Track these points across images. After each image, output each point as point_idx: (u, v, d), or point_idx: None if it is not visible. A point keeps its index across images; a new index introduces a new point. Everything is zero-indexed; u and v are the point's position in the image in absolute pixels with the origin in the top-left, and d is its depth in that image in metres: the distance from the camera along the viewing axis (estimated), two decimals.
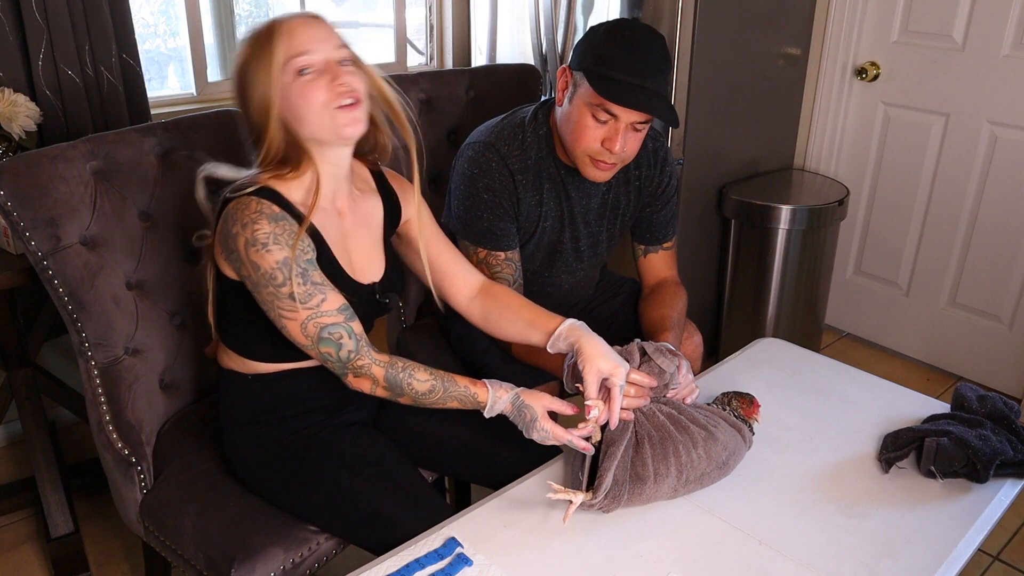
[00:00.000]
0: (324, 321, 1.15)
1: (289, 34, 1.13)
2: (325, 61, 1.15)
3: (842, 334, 3.08)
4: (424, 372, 1.22)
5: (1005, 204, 2.52)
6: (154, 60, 2.51)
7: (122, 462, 1.37)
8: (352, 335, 1.17)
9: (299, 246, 1.14)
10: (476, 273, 1.45)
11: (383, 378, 1.20)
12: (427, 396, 1.22)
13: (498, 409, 1.23)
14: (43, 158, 1.28)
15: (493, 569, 1.08)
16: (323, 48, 1.15)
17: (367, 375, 1.20)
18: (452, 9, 3.00)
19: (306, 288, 1.14)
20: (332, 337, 1.16)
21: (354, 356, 1.18)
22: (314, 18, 1.17)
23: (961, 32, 2.48)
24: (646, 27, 1.44)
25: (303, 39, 1.14)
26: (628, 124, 1.42)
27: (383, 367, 1.20)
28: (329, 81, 1.14)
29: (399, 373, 1.21)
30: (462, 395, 1.23)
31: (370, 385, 1.20)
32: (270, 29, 1.14)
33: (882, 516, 1.19)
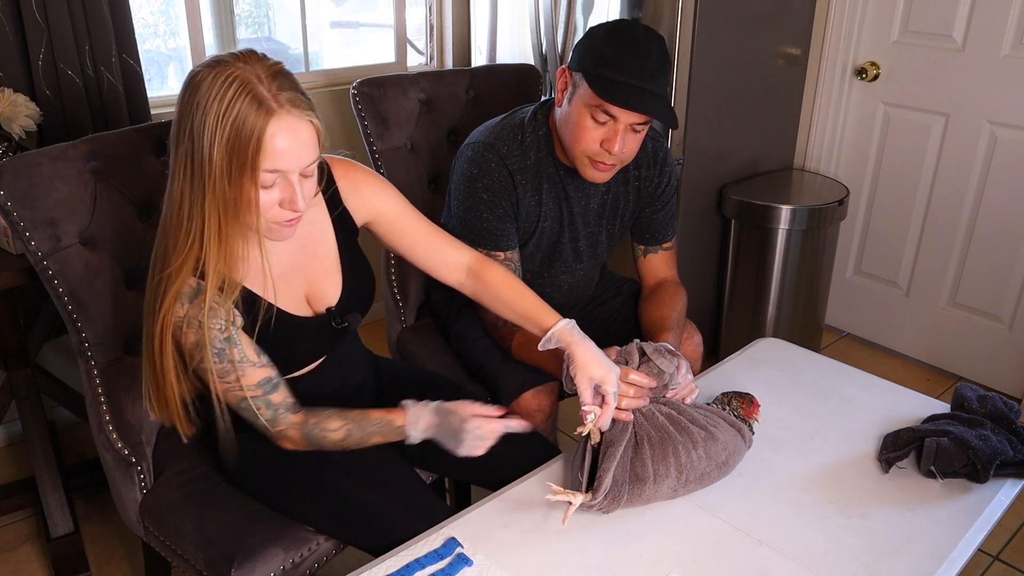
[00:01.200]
0: (240, 395, 1.17)
1: (277, 145, 1.03)
2: (289, 180, 1.07)
3: (842, 334, 3.08)
4: (336, 420, 1.23)
5: (1005, 204, 2.52)
6: (154, 60, 2.51)
7: (122, 462, 1.37)
8: (270, 406, 1.20)
9: (214, 322, 1.11)
10: (463, 252, 1.40)
11: (300, 438, 1.23)
12: (346, 442, 1.23)
13: (421, 427, 1.21)
14: (43, 158, 1.28)
15: (493, 569, 1.08)
16: (298, 165, 1.06)
17: (287, 438, 1.23)
18: (452, 9, 2.99)
19: (222, 366, 1.14)
20: (249, 408, 1.19)
21: (272, 423, 1.21)
22: (311, 124, 1.07)
23: (961, 32, 2.48)
24: (646, 28, 1.44)
25: (287, 158, 1.04)
26: (627, 125, 1.42)
27: (298, 427, 1.22)
28: (286, 199, 1.08)
29: (312, 430, 1.22)
30: (379, 427, 1.23)
31: (292, 445, 1.24)
32: (259, 121, 1.01)
33: (882, 516, 1.19)
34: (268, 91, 1.03)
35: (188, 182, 1.06)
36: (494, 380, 1.60)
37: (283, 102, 1.03)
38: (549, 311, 1.32)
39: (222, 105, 1.01)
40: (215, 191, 1.05)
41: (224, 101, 1.01)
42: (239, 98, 1.01)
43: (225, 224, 1.07)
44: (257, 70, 1.03)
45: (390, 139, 1.82)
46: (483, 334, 1.65)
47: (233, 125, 1.01)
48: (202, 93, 1.02)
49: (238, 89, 1.01)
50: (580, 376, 1.22)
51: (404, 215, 1.35)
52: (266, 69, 1.04)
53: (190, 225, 1.07)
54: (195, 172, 1.05)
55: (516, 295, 1.36)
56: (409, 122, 1.86)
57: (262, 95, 1.02)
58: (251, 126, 1.01)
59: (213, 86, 1.01)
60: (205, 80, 1.02)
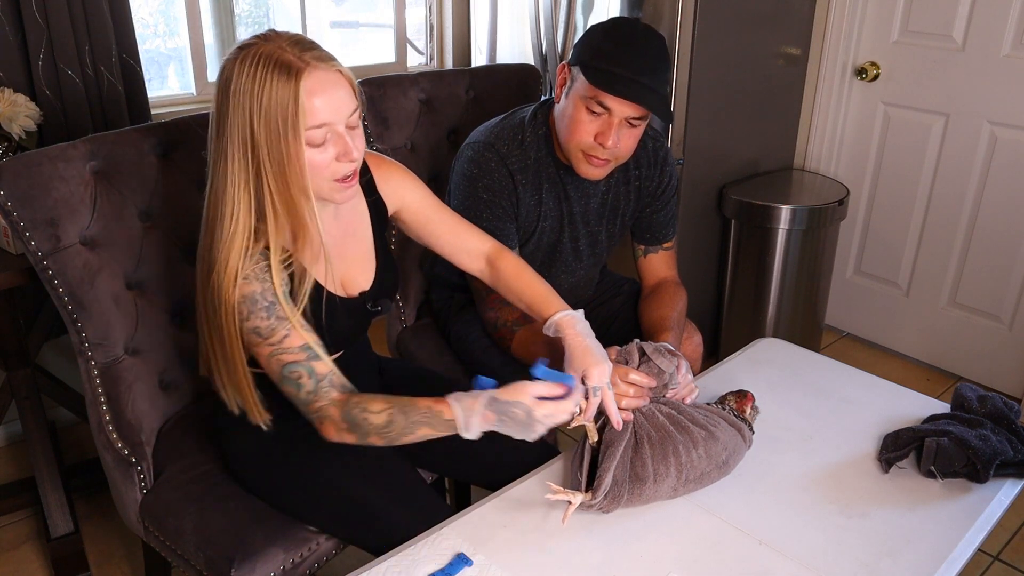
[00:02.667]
0: (285, 359, 1.13)
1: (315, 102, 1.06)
2: (338, 132, 1.10)
3: (842, 334, 3.08)
4: (379, 403, 1.14)
5: (1005, 204, 2.52)
6: (154, 60, 2.51)
7: (122, 462, 1.37)
8: (312, 375, 1.14)
9: (268, 279, 1.11)
10: (484, 241, 1.43)
11: (341, 417, 1.14)
12: (388, 428, 1.13)
13: (476, 424, 1.11)
14: (43, 158, 1.28)
15: (493, 569, 1.08)
16: (341, 116, 1.09)
17: (327, 417, 1.15)
18: (452, 9, 2.99)
19: (269, 323, 1.11)
20: (292, 376, 1.14)
21: (312, 397, 1.15)
22: (340, 73, 1.09)
23: (961, 32, 2.48)
24: (645, 26, 1.44)
25: (327, 111, 1.07)
26: (622, 119, 1.42)
27: (339, 406, 1.15)
28: (339, 153, 1.10)
29: (353, 410, 1.14)
30: (426, 418, 1.12)
31: (335, 430, 1.15)
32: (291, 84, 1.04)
33: (882, 516, 1.19)
34: (292, 55, 1.05)
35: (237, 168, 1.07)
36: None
37: (308, 60, 1.06)
38: (554, 301, 1.33)
39: (254, 84, 1.04)
40: (267, 168, 1.07)
41: (255, 79, 1.04)
42: (266, 70, 1.04)
43: (281, 197, 1.09)
44: (279, 43, 1.06)
45: (390, 139, 1.82)
46: (483, 334, 1.65)
47: (268, 96, 1.04)
48: (234, 80, 1.05)
49: (264, 62, 1.04)
50: (568, 368, 1.22)
51: (430, 204, 1.40)
52: (287, 40, 1.07)
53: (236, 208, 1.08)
54: (244, 156, 1.07)
55: (526, 285, 1.38)
56: (409, 122, 1.86)
57: (287, 60, 1.05)
58: (286, 91, 1.04)
59: (242, 70, 1.04)
60: (234, 67, 1.05)
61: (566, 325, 1.27)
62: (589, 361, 1.20)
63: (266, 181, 1.08)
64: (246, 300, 1.10)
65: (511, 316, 1.55)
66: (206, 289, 1.13)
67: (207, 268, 1.12)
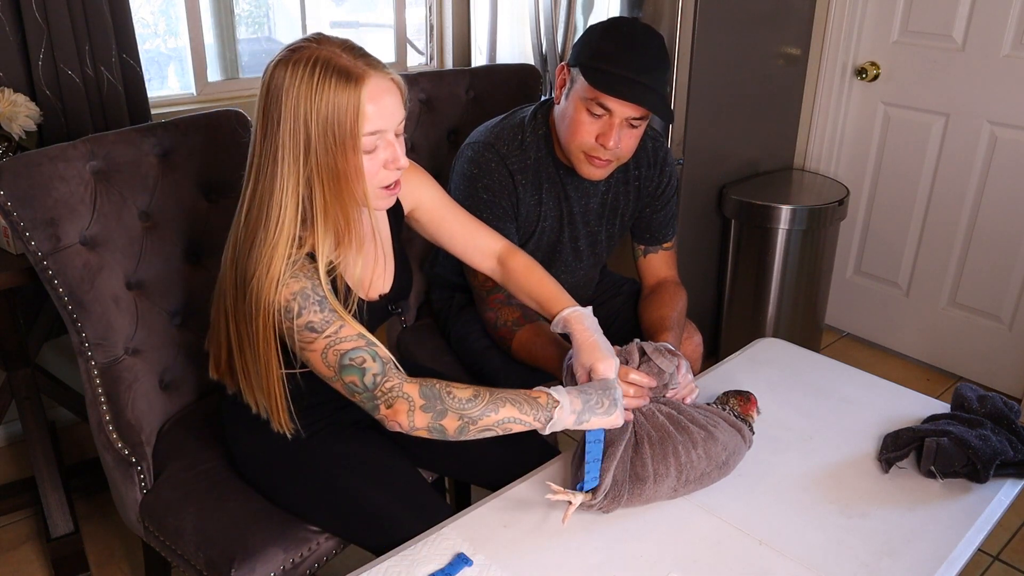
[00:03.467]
0: (344, 347, 1.09)
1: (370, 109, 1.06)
2: (388, 140, 1.11)
3: (842, 334, 3.08)
4: (462, 384, 1.12)
5: (1005, 204, 2.52)
6: (154, 60, 2.51)
7: (122, 462, 1.37)
8: (377, 358, 1.10)
9: (315, 279, 1.10)
10: (495, 240, 1.44)
11: (418, 394, 1.09)
12: (473, 403, 1.09)
13: (567, 400, 1.12)
14: (43, 158, 1.28)
15: (493, 569, 1.08)
16: (393, 123, 1.11)
17: (400, 396, 1.09)
18: (452, 9, 3.00)
19: (323, 315, 1.09)
20: (355, 362, 1.09)
21: (381, 379, 1.09)
22: (393, 81, 1.11)
23: (961, 32, 2.48)
24: (644, 25, 1.44)
25: (383, 118, 1.08)
26: (623, 119, 1.42)
27: (416, 384, 1.10)
28: (388, 160, 1.11)
29: (435, 386, 1.10)
30: (514, 395, 1.12)
31: (406, 411, 1.08)
32: (353, 90, 1.05)
33: (882, 516, 1.19)
34: (349, 61, 1.06)
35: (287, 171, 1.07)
36: (494, 380, 1.60)
37: (364, 67, 1.07)
38: (563, 298, 1.34)
39: (312, 87, 1.04)
40: (320, 171, 1.07)
41: (313, 82, 1.04)
42: (326, 75, 1.04)
43: (332, 202, 1.09)
44: (332, 47, 1.07)
45: None
46: (483, 334, 1.65)
47: (328, 101, 1.04)
48: (287, 82, 1.04)
49: (322, 67, 1.04)
50: (576, 363, 1.23)
51: (444, 204, 1.41)
52: (339, 45, 1.08)
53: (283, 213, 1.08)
54: (296, 160, 1.06)
55: (535, 283, 1.38)
56: (409, 122, 1.86)
57: (346, 66, 1.05)
58: (346, 97, 1.04)
59: (296, 72, 1.04)
60: (287, 69, 1.05)
61: (574, 321, 1.28)
62: (596, 356, 1.21)
63: (319, 186, 1.08)
64: (297, 296, 1.08)
65: (511, 316, 1.55)
66: (238, 294, 1.11)
67: (242, 271, 1.10)
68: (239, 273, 1.11)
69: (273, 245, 1.08)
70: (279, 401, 1.17)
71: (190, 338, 1.49)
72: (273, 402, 1.17)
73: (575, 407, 1.13)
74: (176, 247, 1.46)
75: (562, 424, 1.13)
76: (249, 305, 1.10)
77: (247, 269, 1.09)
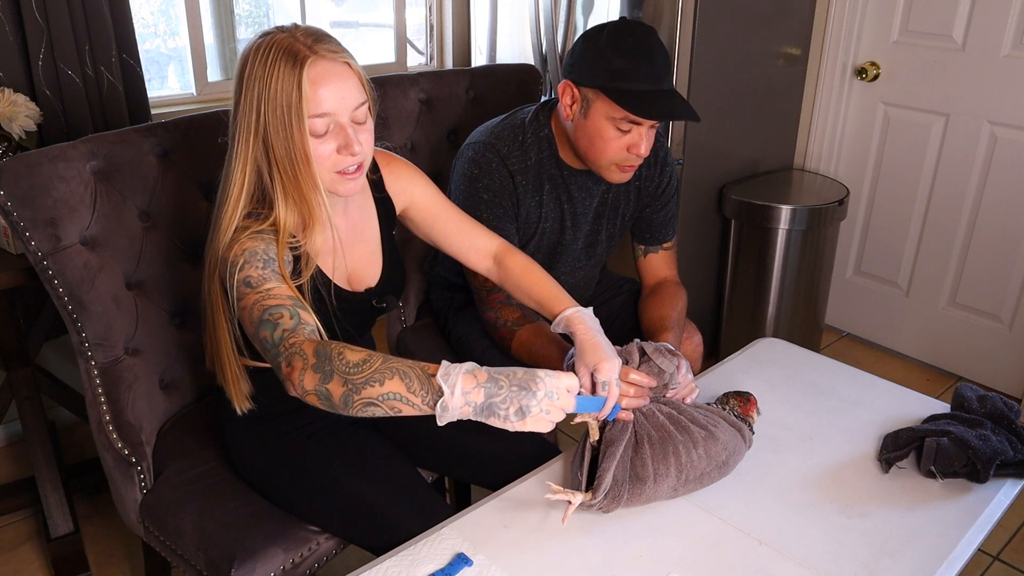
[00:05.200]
0: (269, 303, 1.05)
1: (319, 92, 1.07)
2: (340, 124, 1.11)
3: (842, 334, 3.08)
4: (361, 348, 1.02)
5: (1005, 204, 2.52)
6: (154, 60, 2.51)
7: (122, 462, 1.37)
8: (295, 317, 1.05)
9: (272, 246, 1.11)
10: (491, 240, 1.44)
11: (312, 352, 0.99)
12: (360, 368, 0.98)
13: (459, 382, 0.98)
14: (43, 158, 1.28)
15: (493, 569, 1.08)
16: (345, 108, 1.10)
17: (297, 353, 1.00)
18: (452, 9, 3.00)
19: (262, 272, 1.08)
20: (272, 318, 1.04)
21: (288, 335, 1.02)
22: (348, 66, 1.11)
23: (961, 32, 2.48)
24: (641, 26, 1.44)
25: (331, 101, 1.08)
26: (649, 125, 1.44)
27: (314, 342, 1.01)
28: (340, 146, 1.11)
29: (330, 347, 1.00)
30: (406, 367, 1.00)
31: (300, 368, 0.99)
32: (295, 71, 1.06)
33: (882, 516, 1.19)
34: (303, 45, 1.07)
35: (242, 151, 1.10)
36: None
37: (317, 49, 1.08)
38: (563, 298, 1.33)
39: (265, 70, 1.06)
40: (275, 155, 1.09)
41: (266, 66, 1.06)
42: (276, 58, 1.06)
43: (290, 185, 1.11)
44: (295, 33, 1.09)
45: (390, 139, 1.82)
46: (483, 334, 1.65)
47: (276, 82, 1.06)
48: (248, 66, 1.08)
49: (275, 51, 1.07)
50: (578, 363, 1.22)
51: (438, 203, 1.40)
52: (303, 32, 1.10)
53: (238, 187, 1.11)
54: (249, 140, 1.09)
55: (535, 282, 1.38)
56: (409, 122, 1.86)
57: (296, 48, 1.07)
58: (291, 78, 1.06)
59: (256, 58, 1.07)
60: (250, 55, 1.08)
61: (576, 321, 1.28)
62: (599, 356, 1.20)
63: (274, 167, 1.10)
64: (245, 252, 1.09)
65: (511, 316, 1.55)
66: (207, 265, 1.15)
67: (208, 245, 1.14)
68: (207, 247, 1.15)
69: (228, 218, 1.11)
70: (230, 369, 1.19)
71: (190, 338, 1.49)
72: (226, 372, 1.19)
73: (474, 398, 0.97)
74: (176, 247, 1.46)
75: (457, 414, 0.98)
76: (207, 273, 1.13)
77: (211, 242, 1.13)
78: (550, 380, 0.99)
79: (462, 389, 0.97)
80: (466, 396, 0.97)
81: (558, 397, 0.99)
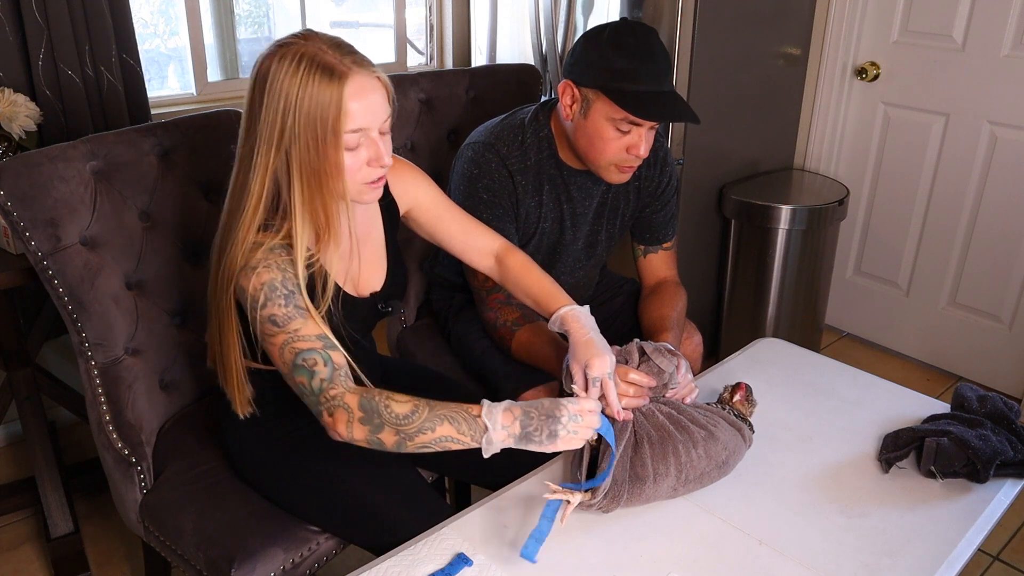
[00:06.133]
0: (300, 346, 1.10)
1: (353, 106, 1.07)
2: (371, 137, 1.12)
3: (842, 334, 3.08)
4: (404, 396, 1.11)
5: (1005, 204, 2.52)
6: (154, 60, 2.51)
7: (122, 462, 1.37)
8: (328, 363, 1.10)
9: (289, 271, 1.11)
10: (493, 240, 1.45)
11: (357, 406, 1.08)
12: (409, 419, 1.08)
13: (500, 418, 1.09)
14: (43, 158, 1.28)
15: (493, 569, 1.08)
16: (377, 122, 1.11)
17: (341, 406, 1.09)
18: (452, 9, 3.00)
19: (287, 310, 1.10)
20: (306, 363, 1.09)
21: (327, 385, 1.09)
22: (379, 80, 1.11)
23: (961, 32, 2.48)
24: (643, 27, 1.44)
25: (366, 116, 1.09)
26: (649, 126, 1.44)
27: (357, 394, 1.10)
28: (371, 158, 1.12)
29: (374, 398, 1.09)
30: (452, 412, 1.09)
31: (346, 421, 1.09)
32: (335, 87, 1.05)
33: (882, 516, 1.19)
34: (334, 58, 1.07)
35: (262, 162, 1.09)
36: (494, 380, 1.60)
37: (350, 64, 1.08)
38: (560, 296, 1.35)
39: (295, 81, 1.05)
40: (298, 167, 1.08)
41: (297, 77, 1.05)
42: (310, 71, 1.05)
43: (312, 197, 1.10)
44: (318, 44, 1.08)
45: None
46: (483, 334, 1.65)
47: (311, 97, 1.05)
48: (272, 76, 1.06)
49: (308, 63, 1.05)
50: (571, 360, 1.23)
51: (441, 203, 1.41)
52: (326, 41, 1.09)
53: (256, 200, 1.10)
54: (271, 152, 1.08)
55: (533, 281, 1.39)
56: (409, 122, 1.86)
57: (330, 63, 1.06)
58: (329, 93, 1.05)
59: (282, 67, 1.06)
60: (273, 64, 1.06)
61: (571, 319, 1.28)
62: (591, 352, 1.21)
63: (296, 179, 1.09)
64: (265, 286, 1.09)
65: (511, 316, 1.55)
66: (217, 275, 1.14)
67: (219, 254, 1.14)
68: (216, 255, 1.15)
69: (246, 229, 1.10)
70: (235, 378, 1.19)
71: (190, 338, 1.49)
72: (231, 380, 1.19)
73: (513, 431, 1.09)
74: (176, 247, 1.46)
75: (500, 445, 1.10)
76: (220, 284, 1.13)
77: (223, 253, 1.13)
78: (572, 406, 1.11)
79: (502, 424, 1.09)
80: (507, 430, 1.10)
81: (582, 418, 1.11)
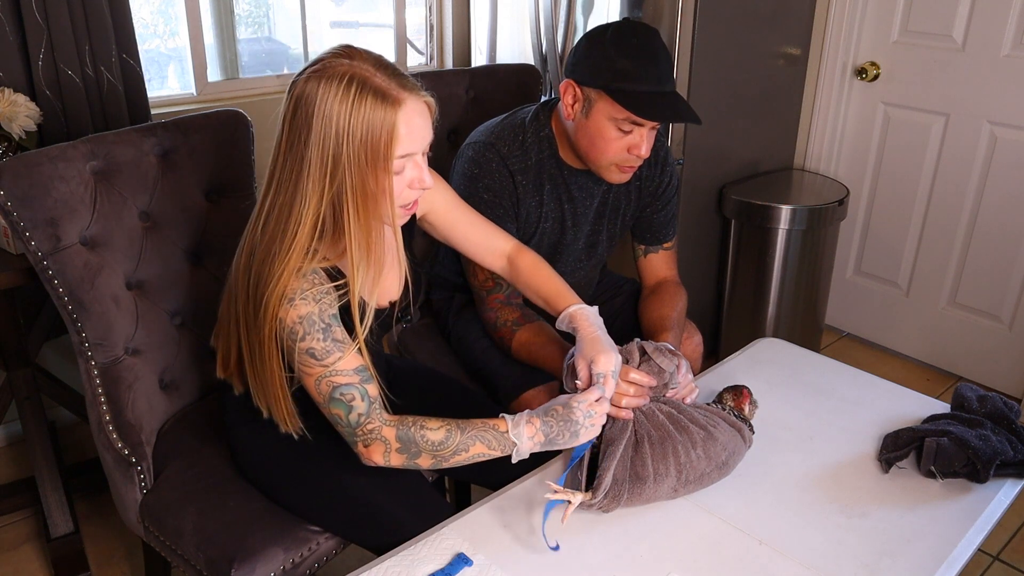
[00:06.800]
0: (338, 381, 1.11)
1: (404, 132, 1.06)
2: (416, 161, 1.12)
3: (842, 334, 3.08)
4: (435, 421, 1.14)
5: (1005, 204, 2.52)
6: (154, 60, 2.51)
7: (122, 462, 1.37)
8: (365, 397, 1.12)
9: (325, 300, 1.10)
10: (505, 240, 1.46)
11: (395, 437, 1.12)
12: (444, 444, 1.13)
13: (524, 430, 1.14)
14: (43, 158, 1.28)
15: (493, 569, 1.08)
16: (423, 145, 1.12)
17: (378, 439, 1.12)
18: (452, 9, 2.99)
19: (325, 344, 1.10)
20: (344, 398, 1.11)
21: (364, 419, 1.12)
22: (427, 104, 1.11)
23: (961, 32, 2.48)
24: (645, 27, 1.44)
25: (414, 141, 1.09)
26: (650, 126, 1.44)
27: (393, 427, 1.13)
28: (414, 179, 1.12)
29: (410, 428, 1.13)
30: (481, 431, 1.14)
31: (383, 451, 1.12)
32: (392, 114, 1.04)
33: (882, 516, 1.19)
34: (384, 82, 1.05)
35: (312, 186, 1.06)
36: (494, 380, 1.60)
37: (400, 89, 1.06)
38: (569, 296, 1.36)
39: (347, 105, 1.03)
40: (355, 191, 1.06)
41: (349, 100, 1.03)
42: (362, 95, 1.03)
43: (358, 221, 1.08)
44: (365, 64, 1.06)
45: None
46: (483, 334, 1.65)
47: (364, 122, 1.03)
48: (320, 99, 1.03)
49: (359, 86, 1.03)
50: (578, 357, 1.24)
51: (456, 206, 1.42)
52: (372, 61, 1.07)
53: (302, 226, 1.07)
54: (323, 176, 1.05)
55: (542, 281, 1.40)
56: None
57: (382, 87, 1.05)
58: (382, 119, 1.04)
59: (330, 87, 1.03)
60: (320, 83, 1.03)
61: (579, 318, 1.29)
62: (597, 349, 1.22)
63: (349, 204, 1.07)
64: (303, 321, 1.08)
65: (511, 316, 1.55)
66: (250, 301, 1.12)
67: (255, 280, 1.10)
68: (252, 281, 1.11)
69: (286, 259, 1.08)
70: (283, 404, 1.18)
71: (190, 338, 1.49)
72: (277, 406, 1.18)
73: (538, 440, 1.15)
74: (176, 247, 1.46)
75: (527, 453, 1.16)
76: (260, 315, 1.10)
77: (260, 280, 1.09)
78: (583, 404, 1.16)
79: (527, 435, 1.15)
80: (532, 439, 1.15)
81: (594, 411, 1.17)
